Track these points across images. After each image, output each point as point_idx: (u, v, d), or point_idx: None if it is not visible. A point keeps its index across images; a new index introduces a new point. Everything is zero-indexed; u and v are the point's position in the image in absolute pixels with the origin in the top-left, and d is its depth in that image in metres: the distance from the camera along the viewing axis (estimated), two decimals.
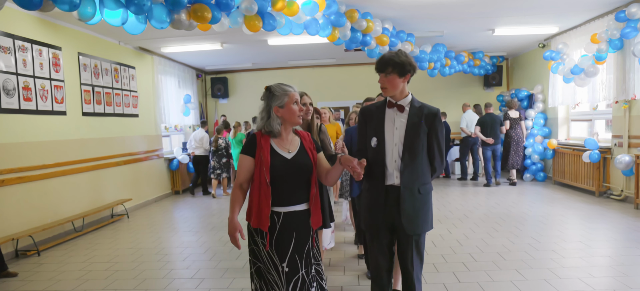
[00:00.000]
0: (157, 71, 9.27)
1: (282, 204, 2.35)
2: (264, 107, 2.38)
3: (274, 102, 2.35)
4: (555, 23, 7.86)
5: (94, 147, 7.02)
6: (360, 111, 2.79)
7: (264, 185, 2.30)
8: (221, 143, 9.31)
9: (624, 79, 6.75)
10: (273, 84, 2.40)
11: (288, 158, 2.36)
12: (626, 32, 6.30)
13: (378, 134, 2.61)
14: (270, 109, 2.35)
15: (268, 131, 2.36)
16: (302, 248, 2.38)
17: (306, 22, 5.80)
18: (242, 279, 4.26)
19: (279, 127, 2.37)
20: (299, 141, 2.46)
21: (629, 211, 6.43)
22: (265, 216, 2.31)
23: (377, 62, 2.61)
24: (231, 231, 2.32)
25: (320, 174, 2.47)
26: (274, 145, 2.37)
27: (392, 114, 2.63)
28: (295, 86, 2.44)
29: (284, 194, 2.34)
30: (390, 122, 2.62)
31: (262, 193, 2.31)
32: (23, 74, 5.56)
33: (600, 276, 3.98)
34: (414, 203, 2.57)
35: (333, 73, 11.98)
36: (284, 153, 2.37)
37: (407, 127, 2.58)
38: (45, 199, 5.88)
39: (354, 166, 2.20)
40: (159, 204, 8.72)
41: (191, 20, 4.71)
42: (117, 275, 4.51)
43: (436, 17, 7.28)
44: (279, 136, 2.38)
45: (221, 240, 5.70)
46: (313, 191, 2.41)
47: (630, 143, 6.88)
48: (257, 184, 2.33)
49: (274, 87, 2.38)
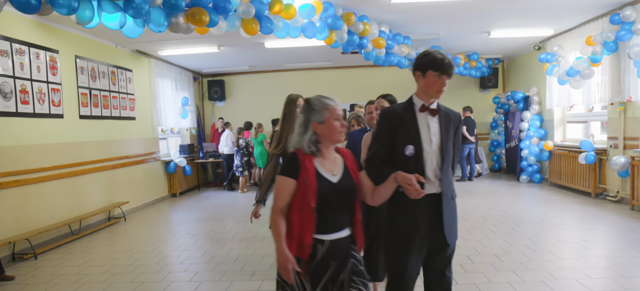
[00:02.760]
0: (154, 74, 9.27)
1: (325, 231, 2.12)
2: (302, 122, 2.15)
3: (313, 117, 2.12)
4: (550, 25, 7.92)
5: (91, 150, 7.00)
6: (383, 114, 2.51)
7: (307, 211, 2.07)
8: (241, 143, 9.89)
9: (619, 81, 6.80)
10: (312, 97, 2.18)
11: (334, 182, 2.13)
12: (621, 34, 6.35)
13: (415, 141, 2.37)
14: (308, 125, 2.13)
15: (310, 151, 2.13)
16: (337, 276, 2.14)
17: (303, 25, 5.82)
18: (239, 282, 4.26)
19: (319, 145, 2.14)
20: (342, 161, 2.22)
21: (625, 212, 6.47)
22: (307, 245, 2.07)
23: (449, 66, 2.37)
24: (283, 263, 2.04)
25: (365, 194, 2.24)
26: (318, 167, 2.12)
27: (425, 118, 2.43)
28: (337, 99, 2.19)
29: (328, 220, 2.12)
30: (425, 128, 2.41)
31: (305, 220, 2.07)
32: (20, 77, 5.56)
33: (597, 277, 4.00)
34: (451, 211, 2.44)
35: (330, 76, 12.00)
36: (329, 176, 2.13)
37: (441, 132, 2.43)
38: (42, 202, 5.86)
39: (413, 184, 2.03)
40: (156, 207, 8.70)
41: (189, 23, 4.72)
42: (114, 279, 4.51)
43: (432, 20, 7.32)
44: (320, 155, 2.15)
45: (219, 243, 5.70)
46: (358, 215, 2.21)
47: (626, 145, 6.92)
48: (298, 209, 2.08)
49: (313, 100, 2.16)
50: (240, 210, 7.94)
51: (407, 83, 11.70)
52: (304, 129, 2.14)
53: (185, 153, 10.38)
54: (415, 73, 2.44)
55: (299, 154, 2.13)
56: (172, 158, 9.75)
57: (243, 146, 9.94)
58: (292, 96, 3.37)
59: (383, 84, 10.97)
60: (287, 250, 2.04)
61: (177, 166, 9.74)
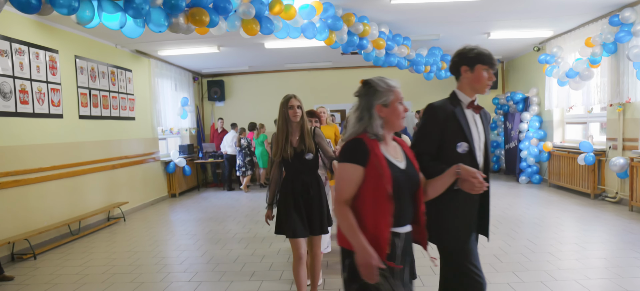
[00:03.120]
0: (154, 74, 9.27)
1: (400, 223, 1.93)
2: (364, 106, 1.94)
3: (377, 99, 1.93)
4: (550, 27, 7.93)
5: (91, 150, 7.00)
6: (432, 110, 2.36)
7: (382, 201, 1.84)
8: (243, 143, 10.01)
9: (618, 82, 6.81)
10: (373, 78, 1.98)
11: (402, 168, 1.96)
12: (620, 36, 6.37)
13: (467, 138, 2.32)
14: (371, 108, 1.93)
15: (374, 135, 1.92)
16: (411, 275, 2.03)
17: (303, 25, 5.83)
18: (239, 282, 4.26)
19: (382, 130, 1.95)
20: (401, 148, 2.06)
21: (624, 213, 6.48)
22: (385, 240, 1.84)
23: (495, 60, 2.35)
24: (366, 261, 1.80)
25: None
26: (385, 153, 1.94)
27: (472, 115, 2.40)
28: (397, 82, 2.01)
29: (402, 210, 1.92)
30: (473, 125, 2.38)
31: (380, 212, 1.85)
32: (20, 77, 5.55)
33: (596, 277, 4.01)
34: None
35: (329, 76, 12.01)
36: (397, 163, 1.96)
37: (485, 129, 2.43)
38: (42, 202, 5.86)
39: (478, 177, 1.95)
40: (156, 207, 8.70)
41: (189, 23, 4.72)
42: (114, 279, 4.50)
43: (432, 21, 7.33)
44: (384, 141, 1.97)
45: (218, 243, 5.70)
46: (423, 207, 2.03)
47: (625, 146, 6.94)
48: (370, 200, 1.86)
49: (375, 81, 1.95)
50: (240, 210, 7.94)
51: (407, 83, 11.77)
52: (367, 113, 1.93)
53: (185, 153, 10.38)
54: (462, 68, 2.37)
55: (366, 139, 1.91)
56: (172, 158, 9.75)
57: (245, 146, 10.01)
58: (285, 96, 3.30)
59: None
60: (368, 244, 1.81)
61: (176, 166, 9.74)
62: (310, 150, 3.25)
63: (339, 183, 1.91)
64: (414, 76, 10.56)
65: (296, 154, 3.24)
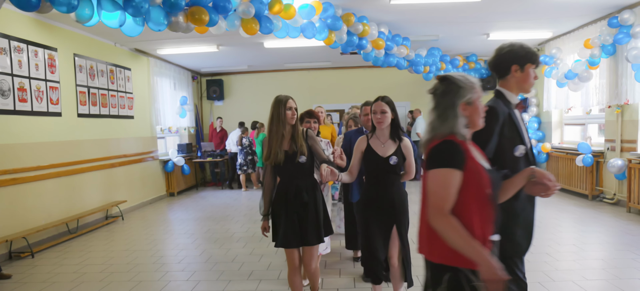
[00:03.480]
0: (153, 73, 9.26)
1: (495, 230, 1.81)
2: (448, 104, 1.78)
3: (461, 97, 1.78)
4: (549, 28, 7.94)
5: (89, 148, 6.99)
6: (496, 112, 2.20)
7: (486, 207, 1.72)
8: (245, 142, 10.01)
9: (617, 84, 6.83)
10: (453, 74, 1.83)
11: (490, 170, 1.85)
12: (619, 38, 6.38)
13: (523, 140, 2.21)
14: (455, 107, 1.77)
15: (462, 136, 1.78)
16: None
17: (303, 25, 5.83)
18: (237, 282, 4.26)
19: (467, 130, 1.80)
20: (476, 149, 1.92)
21: (622, 214, 6.50)
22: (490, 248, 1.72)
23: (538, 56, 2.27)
24: (495, 275, 1.61)
25: None
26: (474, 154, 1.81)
27: (519, 115, 2.28)
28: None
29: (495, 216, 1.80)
30: (523, 126, 2.28)
31: (485, 219, 1.71)
32: (18, 75, 5.54)
33: (594, 279, 4.02)
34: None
35: (328, 76, 12.01)
36: (485, 164, 1.84)
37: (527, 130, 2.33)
38: (40, 200, 5.85)
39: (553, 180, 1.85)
40: (154, 206, 8.69)
41: (188, 22, 4.72)
42: (111, 277, 4.50)
43: (431, 21, 7.34)
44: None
45: (216, 242, 5.70)
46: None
47: (623, 147, 6.95)
48: (476, 208, 1.71)
49: (457, 78, 1.80)
50: (238, 210, 7.94)
51: (406, 84, 11.79)
52: (451, 112, 1.77)
53: (184, 152, 10.37)
54: (512, 68, 2.27)
55: (457, 141, 1.75)
56: (170, 157, 9.74)
57: (247, 145, 10.06)
58: (281, 97, 3.06)
59: (382, 85, 11.01)
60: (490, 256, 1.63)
61: (175, 165, 9.73)
62: (302, 153, 3.04)
63: (438, 192, 1.70)
64: (413, 76, 10.57)
65: (288, 157, 3.03)
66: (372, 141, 3.12)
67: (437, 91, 1.82)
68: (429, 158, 1.77)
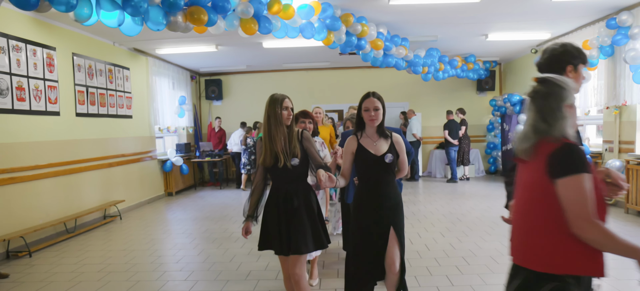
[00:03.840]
0: (152, 72, 9.26)
1: None
2: (554, 106, 1.72)
3: (565, 99, 1.72)
4: (547, 29, 7.96)
5: (88, 148, 6.98)
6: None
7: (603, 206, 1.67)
8: (249, 142, 9.97)
9: (615, 85, 6.84)
10: (551, 76, 1.78)
11: None
12: (617, 39, 6.40)
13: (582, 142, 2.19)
14: (562, 108, 1.71)
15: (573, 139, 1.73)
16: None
17: (302, 25, 5.83)
18: (235, 282, 4.26)
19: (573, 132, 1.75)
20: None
21: (620, 215, 6.51)
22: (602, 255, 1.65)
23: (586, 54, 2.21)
24: None
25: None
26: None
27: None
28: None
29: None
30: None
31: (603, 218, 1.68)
32: (17, 74, 5.53)
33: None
34: None
35: (327, 76, 12.02)
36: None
37: None
38: (38, 200, 5.84)
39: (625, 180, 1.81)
40: (152, 206, 8.68)
41: (187, 22, 4.72)
42: (109, 277, 4.49)
43: (430, 22, 7.35)
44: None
45: (215, 242, 5.69)
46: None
47: (621, 148, 6.97)
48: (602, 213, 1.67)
49: (557, 79, 1.75)
50: (236, 210, 7.93)
51: (404, 84, 11.80)
52: (559, 114, 1.71)
53: (182, 152, 10.36)
54: (567, 68, 2.23)
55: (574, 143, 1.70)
56: (169, 156, 9.73)
57: (251, 145, 10.08)
58: (277, 96, 2.89)
59: (380, 86, 11.00)
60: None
61: (173, 165, 9.72)
62: (295, 155, 2.86)
63: (581, 200, 1.61)
64: (411, 76, 10.59)
65: (279, 159, 2.85)
66: (363, 140, 2.94)
67: (538, 93, 1.76)
68: (557, 165, 1.67)
